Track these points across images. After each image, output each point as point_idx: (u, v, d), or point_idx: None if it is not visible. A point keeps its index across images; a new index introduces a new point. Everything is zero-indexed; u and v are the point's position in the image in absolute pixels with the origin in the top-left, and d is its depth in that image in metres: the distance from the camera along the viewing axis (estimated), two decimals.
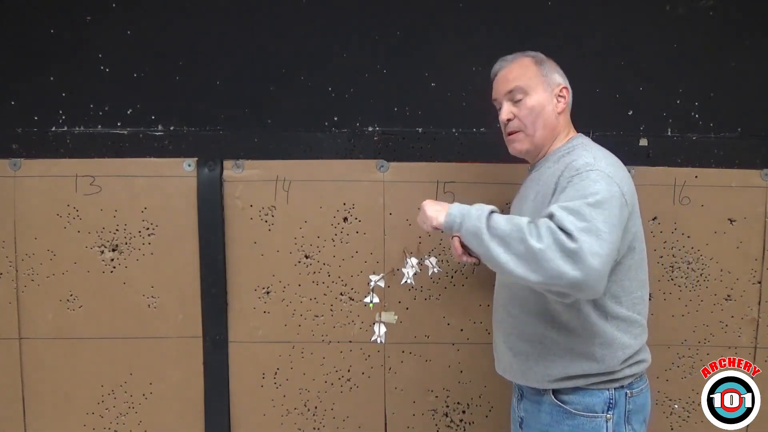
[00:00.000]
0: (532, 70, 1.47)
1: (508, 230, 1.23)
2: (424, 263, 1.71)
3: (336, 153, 1.90)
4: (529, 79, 1.46)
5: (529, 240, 1.19)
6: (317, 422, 1.96)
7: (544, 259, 1.17)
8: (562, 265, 1.16)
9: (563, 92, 1.48)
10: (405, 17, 1.87)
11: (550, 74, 1.47)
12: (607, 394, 1.36)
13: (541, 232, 1.20)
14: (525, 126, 1.47)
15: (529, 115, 1.46)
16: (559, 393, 1.39)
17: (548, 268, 1.17)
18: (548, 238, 1.19)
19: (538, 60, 1.49)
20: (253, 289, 1.92)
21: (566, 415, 1.37)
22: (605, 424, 1.36)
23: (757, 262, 1.89)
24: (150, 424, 1.95)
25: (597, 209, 1.21)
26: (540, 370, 1.40)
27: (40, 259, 1.89)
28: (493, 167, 1.88)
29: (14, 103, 1.89)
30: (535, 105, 1.45)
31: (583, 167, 1.30)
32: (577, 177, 1.28)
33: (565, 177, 1.32)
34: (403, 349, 1.94)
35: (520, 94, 1.46)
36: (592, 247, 1.17)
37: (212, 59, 1.88)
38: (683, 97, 1.90)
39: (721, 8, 1.86)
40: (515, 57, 1.52)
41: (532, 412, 1.45)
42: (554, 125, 1.47)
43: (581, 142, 1.44)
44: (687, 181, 1.88)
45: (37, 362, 1.92)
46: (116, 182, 1.89)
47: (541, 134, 1.46)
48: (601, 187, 1.25)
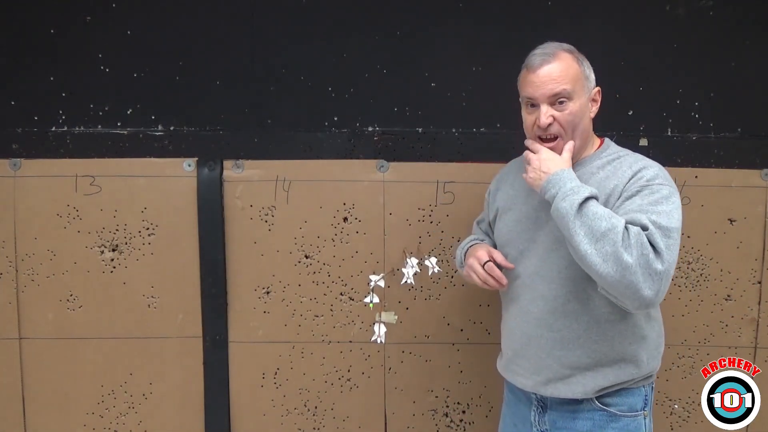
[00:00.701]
0: (575, 70, 1.33)
1: (603, 228, 1.19)
2: (424, 263, 1.71)
3: (336, 153, 1.90)
4: (575, 81, 1.32)
5: (620, 247, 1.17)
6: (317, 422, 1.96)
7: (629, 271, 1.16)
8: (642, 281, 1.17)
9: (596, 96, 1.38)
10: (405, 17, 1.87)
11: (590, 75, 1.37)
12: (644, 391, 1.37)
13: (632, 243, 1.18)
14: (565, 132, 1.34)
15: (572, 121, 1.33)
16: (603, 396, 1.35)
17: (628, 280, 1.17)
18: (637, 251, 1.17)
19: (577, 57, 1.35)
20: (253, 289, 1.92)
21: (611, 418, 1.34)
22: (644, 421, 1.36)
23: (757, 262, 1.89)
24: (150, 424, 1.95)
25: (677, 231, 1.22)
26: (589, 382, 1.34)
27: (40, 259, 1.89)
28: (493, 167, 1.87)
29: (14, 103, 1.89)
30: (578, 111, 1.32)
31: (653, 179, 1.28)
32: (650, 189, 1.26)
33: (635, 184, 1.28)
34: (403, 349, 1.94)
35: (565, 98, 1.32)
36: (671, 270, 1.20)
37: (212, 59, 1.88)
38: (683, 97, 1.90)
39: (721, 8, 1.85)
40: (555, 50, 1.33)
41: (563, 422, 1.38)
42: (588, 132, 1.39)
43: (620, 148, 1.42)
44: (687, 181, 1.88)
45: (37, 362, 1.92)
46: (116, 182, 1.89)
47: (578, 143, 1.35)
48: (675, 205, 1.25)
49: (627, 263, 1.16)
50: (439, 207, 1.90)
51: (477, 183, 1.88)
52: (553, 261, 1.36)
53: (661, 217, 1.22)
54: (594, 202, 1.23)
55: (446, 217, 1.90)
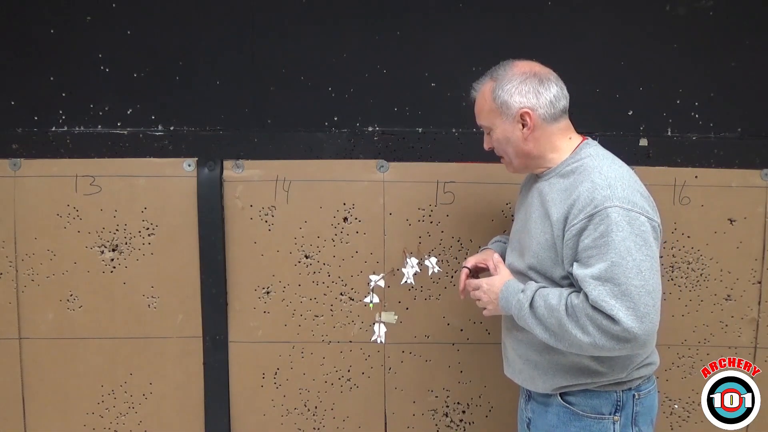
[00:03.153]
0: (489, 102, 1.40)
1: (554, 324, 1.28)
2: (424, 263, 1.71)
3: (336, 153, 1.90)
4: (487, 114, 1.41)
5: (572, 333, 1.25)
6: (317, 422, 1.96)
7: (599, 348, 1.23)
8: (616, 346, 1.22)
9: (525, 118, 1.36)
10: (405, 17, 1.87)
11: (507, 101, 1.36)
12: (614, 396, 1.36)
13: (582, 323, 1.24)
14: (502, 155, 1.45)
15: (499, 146, 1.43)
16: (566, 395, 1.38)
17: (607, 351, 1.24)
18: (592, 328, 1.23)
19: (497, 84, 1.38)
20: (253, 289, 1.92)
21: (573, 417, 1.37)
22: (612, 426, 1.35)
23: (757, 262, 1.89)
24: (150, 424, 1.95)
25: (628, 262, 1.21)
26: (548, 380, 1.39)
27: (40, 259, 1.89)
28: (493, 167, 1.87)
29: (14, 103, 1.89)
30: (500, 137, 1.41)
31: (601, 203, 1.24)
32: (597, 217, 1.24)
33: (582, 212, 1.26)
34: (403, 349, 1.94)
35: (486, 129, 1.45)
36: (637, 316, 1.20)
37: (212, 59, 1.88)
38: (683, 97, 1.90)
39: (721, 8, 1.85)
40: (482, 83, 1.44)
41: (539, 413, 1.44)
42: (527, 151, 1.39)
43: (589, 154, 1.36)
44: (687, 181, 1.88)
45: (37, 362, 1.92)
46: (116, 182, 1.89)
47: (517, 162, 1.42)
48: (625, 233, 1.22)
49: (591, 344, 1.23)
50: (439, 207, 1.90)
51: (477, 183, 1.89)
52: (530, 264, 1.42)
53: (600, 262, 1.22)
54: (538, 303, 1.32)
55: (446, 217, 1.90)
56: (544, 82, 1.37)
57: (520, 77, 1.37)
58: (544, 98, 1.36)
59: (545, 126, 1.37)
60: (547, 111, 1.36)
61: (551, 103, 1.36)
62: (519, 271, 1.45)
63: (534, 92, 1.36)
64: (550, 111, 1.37)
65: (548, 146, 1.39)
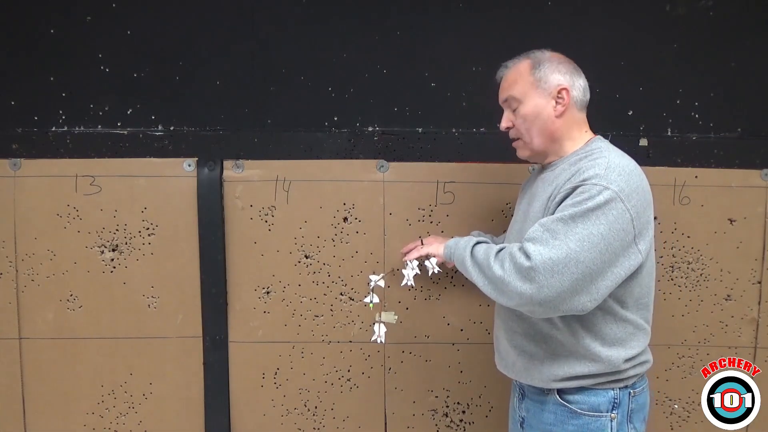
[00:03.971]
0: (526, 75, 1.43)
1: (480, 258, 1.38)
2: (424, 264, 1.71)
3: (336, 153, 1.90)
4: (521, 86, 1.43)
5: (493, 267, 1.31)
6: (317, 422, 1.96)
7: (504, 284, 1.28)
8: (519, 286, 1.25)
9: (562, 94, 1.40)
10: (405, 17, 1.87)
11: (547, 76, 1.41)
12: (611, 394, 1.36)
13: (502, 257, 1.31)
14: (522, 134, 1.45)
15: (524, 123, 1.43)
16: (564, 393, 1.38)
17: (509, 292, 1.27)
18: (508, 263, 1.28)
19: (535, 62, 1.43)
20: (253, 289, 1.92)
21: (571, 415, 1.37)
22: (609, 424, 1.36)
23: (757, 262, 1.89)
24: (150, 424, 1.95)
25: (577, 224, 1.23)
26: (545, 370, 1.39)
27: (40, 259, 1.89)
28: (493, 167, 1.88)
29: (14, 103, 1.89)
30: (529, 113, 1.42)
31: (590, 178, 1.27)
32: (580, 189, 1.27)
33: (570, 183, 1.30)
34: (403, 349, 1.94)
35: (514, 102, 1.44)
36: (550, 268, 1.22)
37: (212, 59, 1.88)
38: (683, 97, 1.90)
39: (721, 8, 1.86)
40: (515, 61, 1.47)
41: (534, 411, 1.45)
42: (552, 130, 1.42)
43: (599, 146, 1.38)
44: (687, 181, 1.88)
45: (37, 362, 1.92)
46: (116, 182, 1.89)
47: (538, 141, 1.43)
48: (595, 201, 1.23)
49: (500, 277, 1.29)
50: (439, 207, 1.90)
51: (477, 183, 1.89)
52: None
53: (554, 219, 1.26)
54: (480, 245, 1.43)
55: (446, 217, 1.90)
56: (578, 70, 1.45)
57: (558, 60, 1.44)
58: (579, 83, 1.43)
59: (574, 110, 1.43)
60: (579, 95, 1.43)
61: (583, 90, 1.44)
62: None
63: (571, 74, 1.43)
64: (581, 97, 1.43)
65: (568, 133, 1.43)
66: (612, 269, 1.25)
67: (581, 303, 1.24)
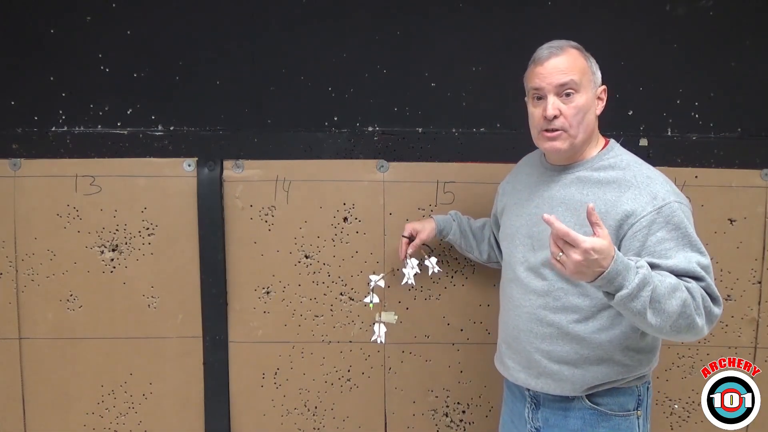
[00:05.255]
0: (583, 64, 1.34)
1: (676, 310, 1.16)
2: (424, 263, 1.71)
3: (336, 153, 1.90)
4: (582, 74, 1.33)
5: (696, 320, 1.19)
6: (317, 422, 1.96)
7: (701, 332, 1.22)
8: (707, 330, 1.24)
9: (602, 94, 1.38)
10: (405, 17, 1.87)
11: (596, 72, 1.37)
12: (636, 391, 1.37)
13: (700, 306, 1.21)
14: (570, 126, 1.32)
15: (576, 114, 1.32)
16: (593, 395, 1.35)
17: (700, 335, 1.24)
18: (703, 312, 1.22)
19: (584, 54, 1.37)
20: (253, 289, 1.92)
21: (602, 417, 1.34)
22: (637, 421, 1.36)
23: (757, 262, 1.89)
24: (150, 424, 1.95)
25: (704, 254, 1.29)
26: (576, 379, 1.34)
27: (40, 259, 1.89)
28: (493, 167, 1.88)
29: (14, 103, 1.89)
30: (583, 105, 1.32)
31: (665, 197, 1.28)
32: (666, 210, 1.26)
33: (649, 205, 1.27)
34: (403, 349, 1.94)
35: (572, 90, 1.31)
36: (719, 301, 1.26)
37: (212, 59, 1.88)
38: (683, 97, 1.90)
39: (721, 8, 1.85)
40: (563, 45, 1.35)
41: (556, 420, 1.38)
42: (593, 128, 1.37)
43: (622, 152, 1.40)
44: (687, 181, 1.88)
45: (37, 362, 1.92)
46: (116, 182, 1.89)
47: (581, 138, 1.35)
48: (690, 225, 1.29)
49: (700, 326, 1.21)
50: (439, 207, 1.90)
51: (477, 183, 1.88)
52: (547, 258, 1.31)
53: (702, 255, 1.27)
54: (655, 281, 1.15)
55: None
56: None
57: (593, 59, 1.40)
58: None
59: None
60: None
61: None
62: (531, 267, 1.40)
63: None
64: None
65: (594, 134, 1.41)
66: None
67: None
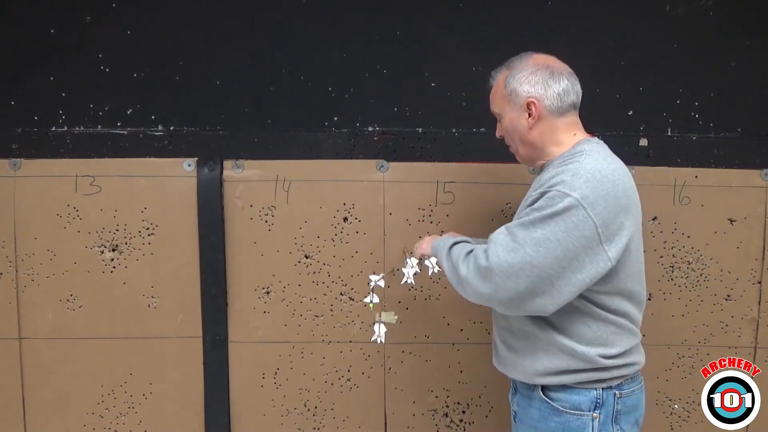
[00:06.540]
0: (501, 90, 1.46)
1: (454, 257, 1.42)
2: (424, 263, 1.71)
3: (336, 153, 1.90)
4: (499, 101, 1.47)
5: (460, 266, 1.37)
6: (317, 422, 1.96)
7: (467, 283, 1.35)
8: (479, 285, 1.32)
9: (530, 107, 1.40)
10: (405, 17, 1.87)
11: (516, 89, 1.41)
12: (594, 394, 1.36)
13: (470, 257, 1.36)
14: (510, 143, 1.50)
15: (507, 135, 1.48)
16: (548, 390, 1.40)
17: (470, 291, 1.35)
18: (472, 263, 1.34)
19: (509, 73, 1.44)
20: (253, 289, 1.92)
21: (553, 412, 1.38)
22: (591, 423, 1.36)
23: (757, 262, 1.89)
24: (150, 424, 1.95)
25: (536, 228, 1.27)
26: (527, 364, 1.41)
27: (40, 259, 1.89)
28: (493, 167, 1.88)
29: (14, 103, 1.89)
30: (508, 126, 1.46)
31: (555, 185, 1.29)
32: (546, 195, 1.30)
33: (538, 189, 1.33)
34: (403, 349, 1.94)
35: (499, 116, 1.49)
36: (504, 266, 1.27)
37: (212, 59, 1.88)
38: (683, 97, 1.90)
39: (721, 8, 1.86)
40: (497, 72, 1.50)
41: (523, 406, 1.46)
42: (531, 141, 1.43)
43: (581, 150, 1.36)
44: (687, 181, 1.88)
45: (37, 362, 1.92)
46: (116, 182, 1.89)
47: (522, 150, 1.47)
48: (555, 208, 1.26)
49: (464, 276, 1.35)
50: (439, 207, 1.90)
51: (477, 183, 1.89)
52: None
53: (516, 223, 1.31)
54: (459, 245, 1.46)
55: (446, 217, 1.90)
56: (555, 75, 1.41)
57: (532, 68, 1.42)
58: (552, 90, 1.40)
59: (551, 118, 1.41)
60: (554, 103, 1.40)
61: (559, 96, 1.40)
62: None
63: (543, 83, 1.40)
64: (557, 104, 1.40)
65: (551, 139, 1.42)
66: (574, 275, 1.27)
67: (541, 305, 1.29)
